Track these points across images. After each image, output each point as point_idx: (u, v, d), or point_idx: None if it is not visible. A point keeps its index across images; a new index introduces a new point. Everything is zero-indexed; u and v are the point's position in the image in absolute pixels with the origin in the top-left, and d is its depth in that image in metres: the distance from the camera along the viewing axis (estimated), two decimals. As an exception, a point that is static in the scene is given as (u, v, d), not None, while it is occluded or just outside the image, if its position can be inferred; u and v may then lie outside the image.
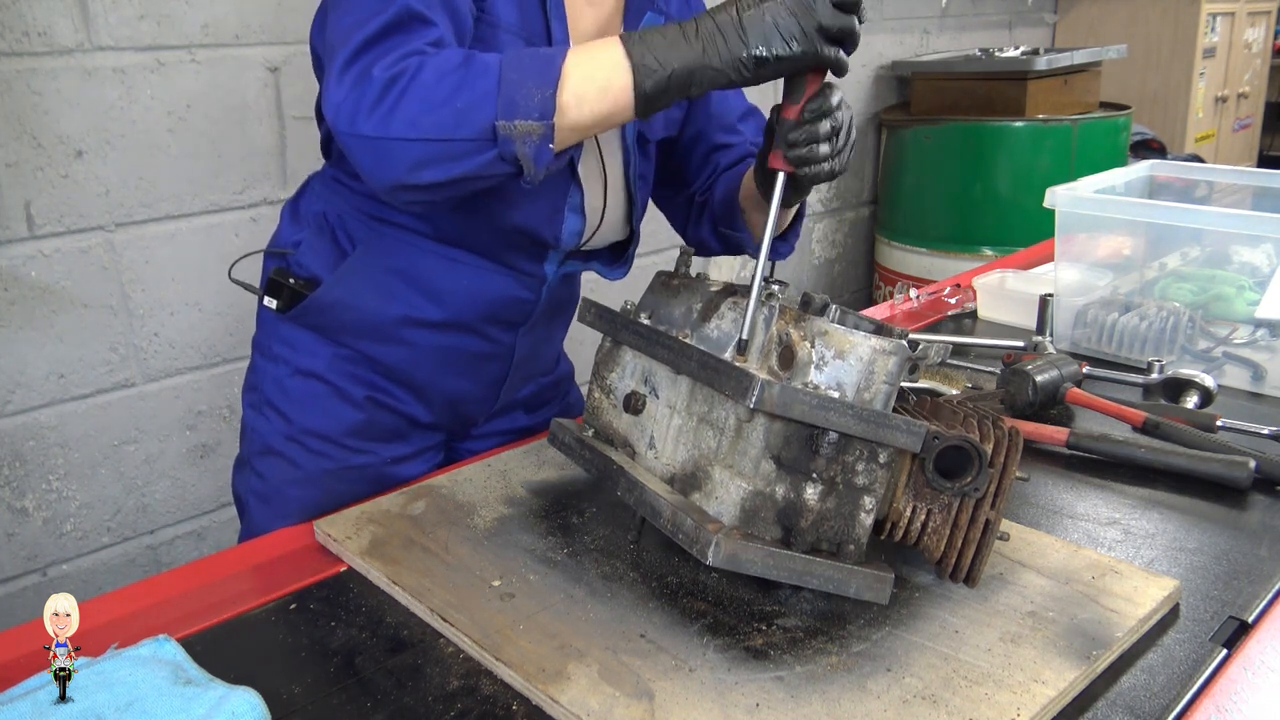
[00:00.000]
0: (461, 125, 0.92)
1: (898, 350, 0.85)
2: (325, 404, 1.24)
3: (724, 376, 0.85)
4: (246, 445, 1.30)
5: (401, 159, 0.94)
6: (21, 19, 1.66)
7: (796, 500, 0.85)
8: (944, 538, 0.89)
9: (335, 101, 0.94)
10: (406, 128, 0.92)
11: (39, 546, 1.86)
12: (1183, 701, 0.79)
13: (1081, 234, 1.65)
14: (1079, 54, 3.54)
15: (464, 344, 1.26)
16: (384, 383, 1.26)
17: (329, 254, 1.23)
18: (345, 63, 0.94)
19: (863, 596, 0.85)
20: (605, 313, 1.05)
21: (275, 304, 1.23)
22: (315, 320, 1.23)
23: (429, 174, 0.94)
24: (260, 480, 1.27)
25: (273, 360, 1.26)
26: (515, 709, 0.78)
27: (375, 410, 1.26)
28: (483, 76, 0.93)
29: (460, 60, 0.94)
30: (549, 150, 0.94)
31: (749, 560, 0.83)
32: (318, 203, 1.26)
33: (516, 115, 0.92)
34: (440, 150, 0.93)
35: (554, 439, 1.09)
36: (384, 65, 0.94)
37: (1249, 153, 5.29)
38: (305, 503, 1.20)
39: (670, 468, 0.95)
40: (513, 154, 0.93)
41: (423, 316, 1.22)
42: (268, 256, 1.29)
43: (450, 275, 1.21)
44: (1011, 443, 0.90)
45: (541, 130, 0.93)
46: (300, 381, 1.24)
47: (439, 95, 0.92)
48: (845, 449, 0.85)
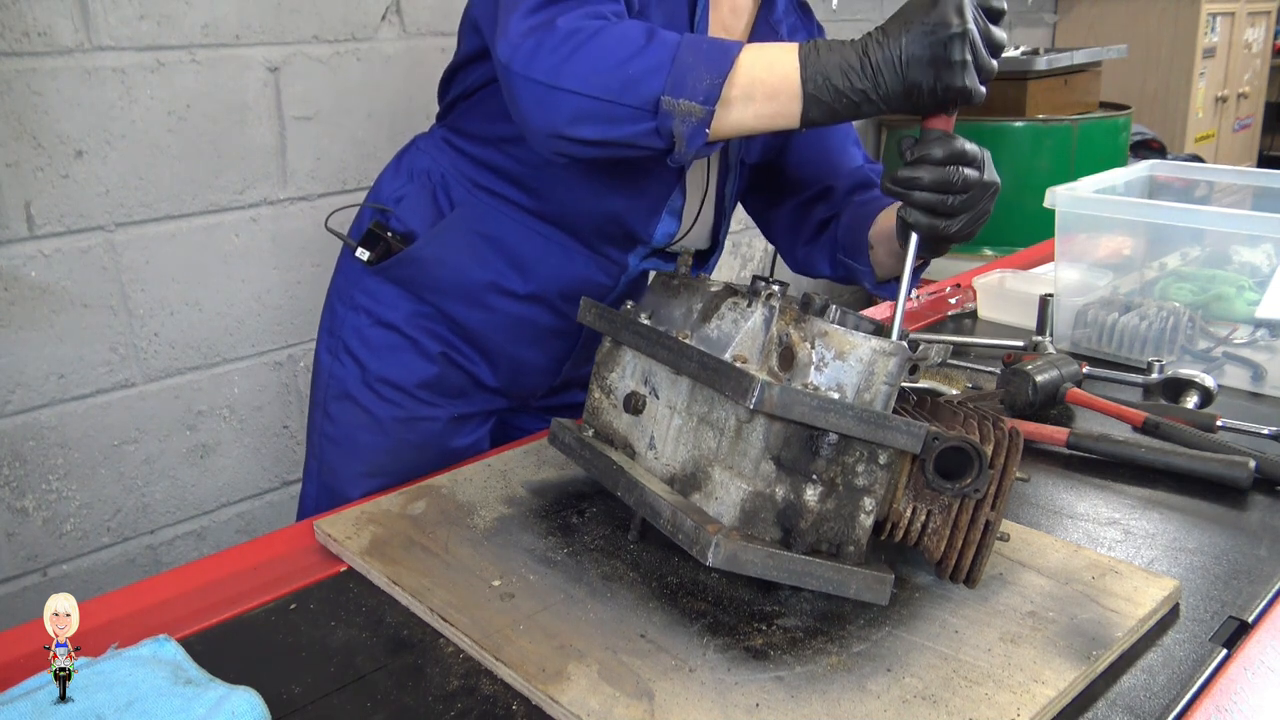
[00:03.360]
0: (628, 91, 0.95)
1: (898, 351, 0.85)
2: (401, 355, 1.30)
3: (724, 377, 0.85)
4: (321, 389, 1.35)
5: (563, 109, 0.97)
6: (21, 19, 1.66)
7: (796, 501, 0.85)
8: (944, 538, 0.89)
9: (514, 41, 0.97)
10: (576, 80, 0.95)
11: (39, 546, 1.86)
12: (1183, 701, 0.79)
13: (1081, 234, 1.65)
14: (1079, 54, 3.54)
15: (539, 317, 1.30)
16: (458, 342, 1.31)
17: (428, 212, 1.28)
18: (533, 8, 0.98)
19: (863, 597, 0.85)
20: (606, 312, 1.05)
21: (368, 255, 1.27)
22: (404, 274, 1.27)
23: (586, 129, 0.98)
24: (332, 424, 1.33)
25: (354, 309, 1.31)
26: (515, 709, 0.78)
27: (447, 366, 1.31)
28: (659, 50, 0.96)
29: (642, 31, 0.97)
30: (704, 134, 0.96)
31: (749, 561, 0.83)
32: (424, 160, 1.30)
33: (683, 94, 0.94)
34: (602, 109, 0.96)
35: (554, 439, 1.09)
36: (569, 18, 0.97)
37: (1249, 153, 5.29)
38: (374, 447, 1.28)
39: (670, 468, 0.95)
40: (669, 130, 0.96)
41: (508, 285, 1.27)
42: (366, 209, 1.33)
43: (540, 250, 1.26)
44: (1012, 443, 0.90)
45: (702, 114, 0.95)
46: (380, 332, 1.30)
47: (614, 58, 0.95)
48: (845, 450, 0.85)
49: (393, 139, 2.14)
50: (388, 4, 2.13)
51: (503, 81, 1.01)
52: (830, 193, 1.36)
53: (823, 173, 1.37)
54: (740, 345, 0.91)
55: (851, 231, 1.31)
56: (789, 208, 1.40)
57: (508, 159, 1.24)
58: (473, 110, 1.27)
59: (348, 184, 2.13)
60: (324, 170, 2.10)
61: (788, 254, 1.43)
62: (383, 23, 2.13)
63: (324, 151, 2.09)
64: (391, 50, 2.15)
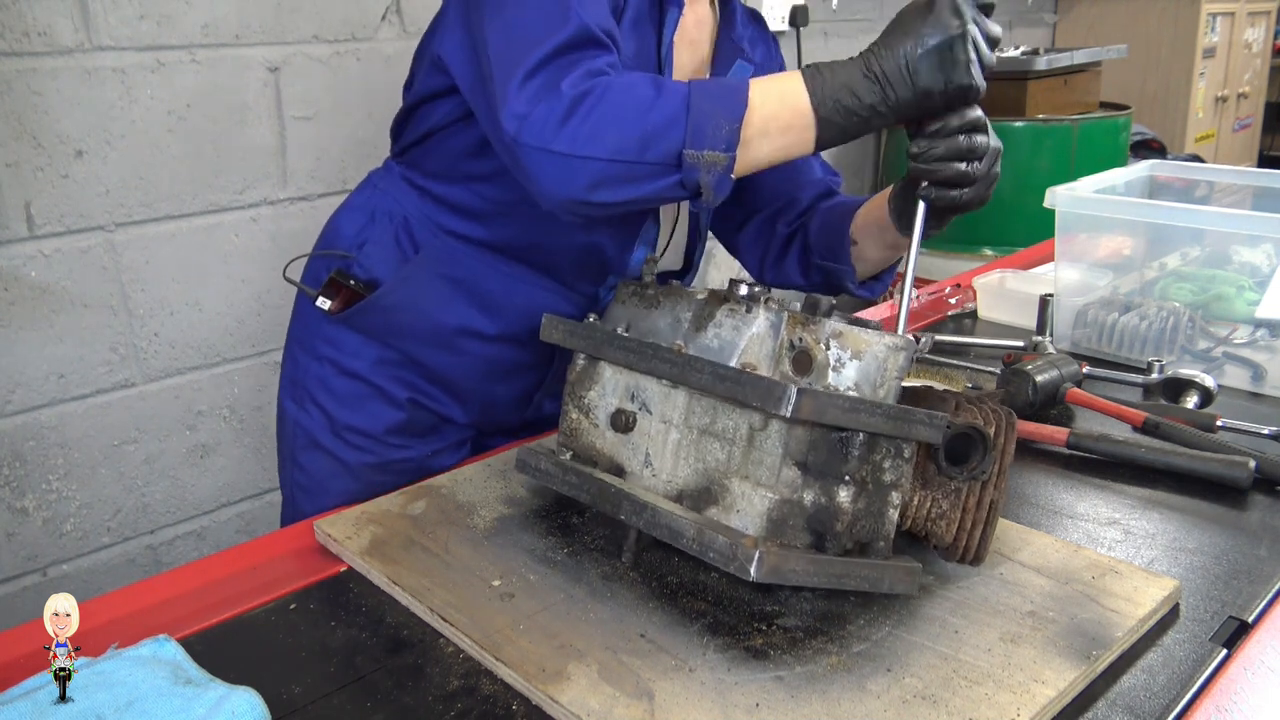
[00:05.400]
0: (648, 149, 0.93)
1: (907, 345, 0.87)
2: (368, 405, 1.26)
3: (748, 387, 0.82)
4: (289, 439, 1.32)
5: (583, 177, 0.94)
6: (21, 19, 1.66)
7: (829, 504, 0.84)
8: (954, 522, 0.91)
9: (518, 112, 0.93)
10: (593, 147, 0.92)
11: (39, 546, 1.86)
12: (1183, 701, 0.79)
13: (1081, 234, 1.65)
14: (1079, 54, 3.54)
15: (509, 355, 1.28)
16: (426, 385, 1.28)
17: (392, 256, 1.24)
18: (527, 75, 0.94)
19: (895, 590, 0.86)
20: (577, 329, 1.00)
21: (329, 304, 1.22)
22: (368, 322, 1.23)
23: (606, 194, 0.95)
24: (304, 474, 1.30)
25: (317, 359, 1.28)
26: (515, 709, 0.78)
27: (415, 410, 1.28)
28: (672, 101, 0.93)
29: (648, 83, 0.95)
30: (730, 181, 0.95)
31: (791, 571, 0.81)
32: (385, 200, 1.26)
33: (704, 145, 0.93)
34: (623, 171, 0.94)
35: (524, 466, 1.02)
36: (571, 81, 0.93)
37: (1249, 153, 5.29)
38: (349, 493, 1.24)
39: (674, 484, 0.93)
40: (695, 182, 0.94)
41: (476, 327, 1.24)
42: (322, 257, 1.28)
43: (507, 290, 1.23)
44: (1008, 423, 0.92)
45: (725, 161, 0.93)
46: (345, 381, 1.26)
47: (628, 117, 0.93)
48: (873, 448, 0.85)
49: (393, 139, 2.14)
50: (388, 4, 2.13)
51: (508, 153, 0.97)
52: (793, 205, 1.36)
53: (785, 186, 1.36)
54: (747, 352, 0.89)
55: (826, 234, 1.30)
56: (754, 225, 1.40)
57: (475, 197, 1.20)
58: (436, 149, 1.22)
59: (348, 184, 2.13)
60: (324, 170, 2.10)
61: (757, 273, 1.42)
62: (383, 23, 2.13)
63: (324, 151, 2.09)
64: (391, 50, 2.15)
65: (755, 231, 1.40)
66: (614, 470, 0.98)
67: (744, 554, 0.80)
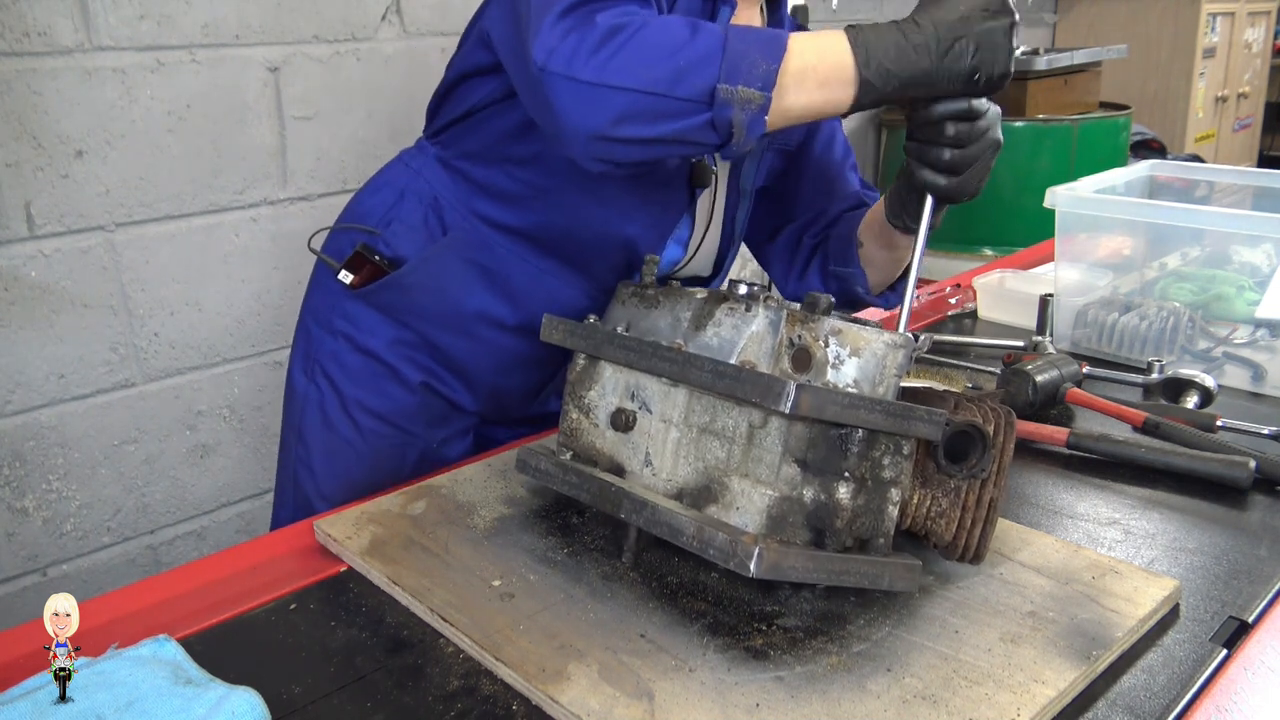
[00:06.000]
0: (681, 82, 0.91)
1: (906, 343, 0.87)
2: (381, 384, 1.25)
3: (748, 384, 0.82)
4: (295, 412, 1.30)
5: (610, 108, 0.92)
6: (21, 19, 1.66)
7: (829, 501, 0.85)
8: (954, 520, 0.91)
9: (550, 44, 0.92)
10: (625, 76, 0.91)
11: (39, 546, 1.86)
12: (1183, 701, 0.79)
13: (1081, 234, 1.65)
14: (1079, 54, 3.54)
15: (525, 347, 1.27)
16: (440, 369, 1.27)
17: (419, 236, 1.22)
18: (565, 9, 0.93)
19: (896, 588, 0.86)
20: (579, 328, 1.00)
21: (351, 278, 1.21)
22: (388, 299, 1.22)
23: (632, 128, 0.93)
24: (306, 449, 1.28)
25: (332, 334, 1.26)
26: (515, 709, 0.78)
27: (427, 395, 1.27)
28: (708, 39, 0.92)
29: (685, 23, 0.94)
30: (763, 123, 0.93)
31: (791, 567, 0.81)
32: (416, 180, 1.25)
33: (739, 80, 0.91)
34: (652, 104, 0.91)
35: (524, 466, 1.02)
36: (608, 14, 0.93)
37: (1249, 153, 5.29)
38: (350, 474, 1.22)
39: (674, 483, 0.93)
40: (727, 120, 0.92)
41: (497, 316, 1.23)
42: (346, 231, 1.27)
43: (532, 282, 1.22)
44: (1007, 420, 0.92)
45: (761, 100, 0.91)
46: (359, 358, 1.25)
47: (662, 50, 0.91)
48: (873, 445, 0.86)
49: (393, 139, 2.14)
50: (388, 4, 2.13)
51: (534, 85, 0.94)
52: (822, 216, 1.36)
53: (821, 198, 1.36)
54: (746, 350, 0.90)
55: (841, 240, 1.31)
56: (785, 235, 1.39)
57: (514, 182, 1.19)
58: (476, 129, 1.21)
59: (348, 184, 2.13)
60: (324, 170, 2.10)
61: (783, 286, 1.42)
62: (383, 23, 2.13)
63: (324, 151, 2.09)
64: (391, 50, 2.15)
65: (786, 241, 1.40)
66: (614, 470, 0.98)
67: (743, 550, 0.80)
